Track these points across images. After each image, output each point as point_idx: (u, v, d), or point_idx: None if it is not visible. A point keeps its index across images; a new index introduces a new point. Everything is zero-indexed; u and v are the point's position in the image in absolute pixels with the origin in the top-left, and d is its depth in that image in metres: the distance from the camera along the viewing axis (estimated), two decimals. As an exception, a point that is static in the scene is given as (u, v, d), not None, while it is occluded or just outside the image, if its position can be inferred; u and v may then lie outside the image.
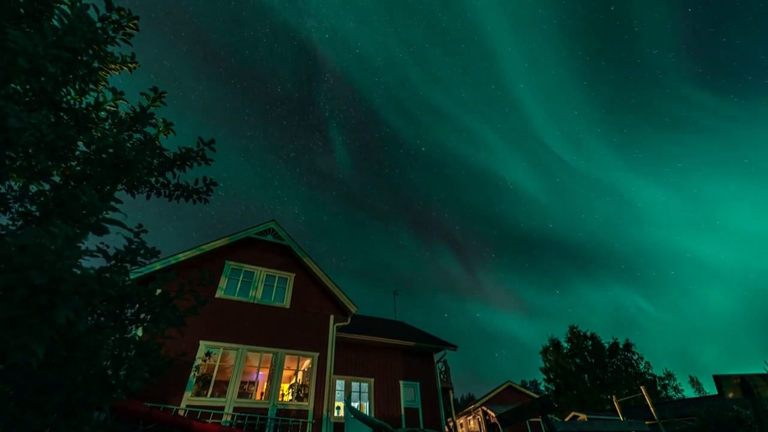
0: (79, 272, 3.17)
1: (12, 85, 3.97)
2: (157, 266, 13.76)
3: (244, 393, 15.13)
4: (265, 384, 15.34)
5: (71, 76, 4.47)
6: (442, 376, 21.65)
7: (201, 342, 13.55)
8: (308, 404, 14.31)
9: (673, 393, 46.01)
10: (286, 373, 16.43)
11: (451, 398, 22.11)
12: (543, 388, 39.02)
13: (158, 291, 4.47)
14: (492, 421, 29.29)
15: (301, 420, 13.81)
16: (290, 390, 16.71)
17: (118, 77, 5.60)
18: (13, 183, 4.67)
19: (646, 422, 11.13)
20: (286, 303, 16.25)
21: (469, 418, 33.59)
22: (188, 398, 12.53)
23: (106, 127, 5.08)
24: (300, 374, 16.48)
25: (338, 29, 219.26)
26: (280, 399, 14.56)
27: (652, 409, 17.18)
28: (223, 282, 15.39)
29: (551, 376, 34.40)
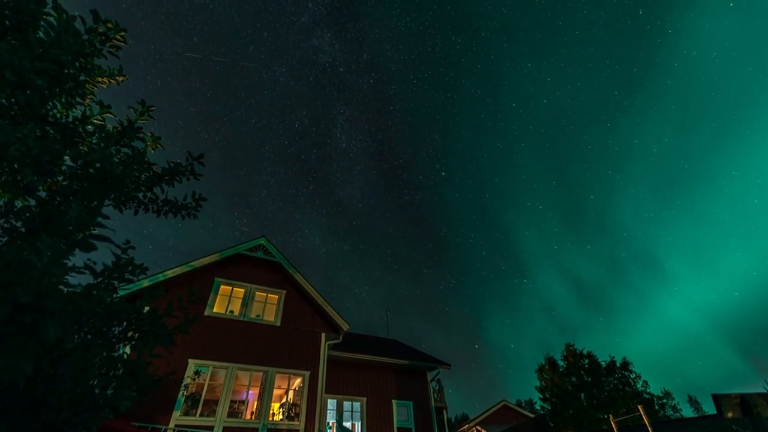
0: (65, 289, 3.08)
1: (-3, 98, 3.90)
2: (145, 283, 13.55)
3: (233, 412, 14.88)
4: (256, 403, 15.09)
5: (58, 90, 4.41)
6: (435, 395, 21.44)
7: (190, 360, 13.30)
8: (299, 424, 14.06)
9: (672, 412, 46.08)
10: (276, 392, 16.17)
11: (445, 418, 21.85)
12: (539, 408, 38.78)
13: (146, 308, 4.38)
14: (486, 439, 28.98)
15: (292, 440, 13.57)
16: (281, 409, 16.45)
17: (108, 91, 5.55)
18: (-3, 198, 4.57)
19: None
20: (277, 321, 16.05)
21: (463, 436, 33.23)
22: (177, 417, 12.27)
23: (94, 141, 5.01)
24: (291, 393, 16.21)
25: (351, 62, 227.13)
26: (270, 418, 14.30)
27: (649, 429, 16.95)
28: (212, 299, 15.18)
29: (547, 395, 34.15)
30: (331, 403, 17.87)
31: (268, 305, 16.51)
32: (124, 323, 4.27)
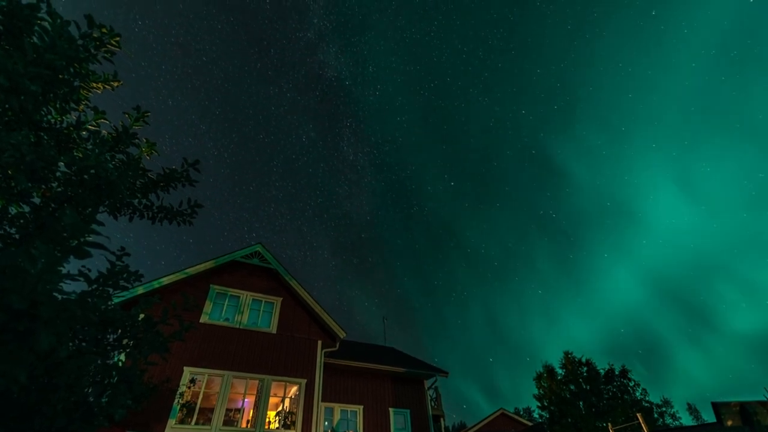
0: (60, 296, 3.04)
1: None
2: (140, 290, 13.45)
3: (229, 420, 14.74)
4: (251, 411, 14.98)
5: (52, 95, 4.38)
6: (433, 404, 21.32)
7: (185, 368, 13.20)
8: (296, 432, 13.97)
9: (671, 420, 46.20)
10: (272, 400, 16.08)
11: (443, 426, 21.74)
12: (537, 416, 38.66)
13: (141, 316, 4.34)
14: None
15: (289, 448, 13.46)
16: (277, 417, 16.31)
17: (109, 98, 5.53)
18: (-10, 205, 4.52)
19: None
20: (273, 328, 15.97)
21: (459, 441, 33.03)
22: (172, 426, 12.16)
23: (88, 147, 4.97)
24: (287, 401, 16.11)
25: (357, 75, 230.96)
26: (266, 427, 14.18)
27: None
28: (207, 306, 15.08)
29: (545, 404, 33.99)
30: (328, 411, 17.74)
31: (263, 312, 16.42)
32: (119, 331, 4.23)
